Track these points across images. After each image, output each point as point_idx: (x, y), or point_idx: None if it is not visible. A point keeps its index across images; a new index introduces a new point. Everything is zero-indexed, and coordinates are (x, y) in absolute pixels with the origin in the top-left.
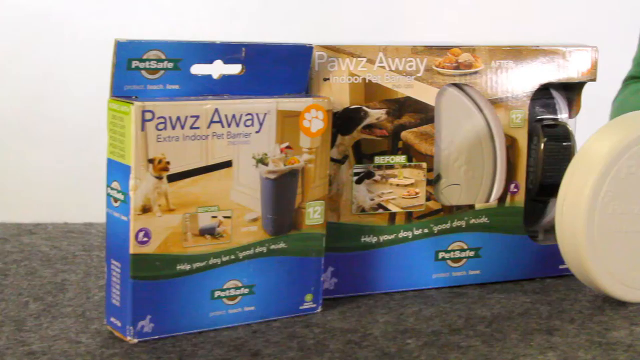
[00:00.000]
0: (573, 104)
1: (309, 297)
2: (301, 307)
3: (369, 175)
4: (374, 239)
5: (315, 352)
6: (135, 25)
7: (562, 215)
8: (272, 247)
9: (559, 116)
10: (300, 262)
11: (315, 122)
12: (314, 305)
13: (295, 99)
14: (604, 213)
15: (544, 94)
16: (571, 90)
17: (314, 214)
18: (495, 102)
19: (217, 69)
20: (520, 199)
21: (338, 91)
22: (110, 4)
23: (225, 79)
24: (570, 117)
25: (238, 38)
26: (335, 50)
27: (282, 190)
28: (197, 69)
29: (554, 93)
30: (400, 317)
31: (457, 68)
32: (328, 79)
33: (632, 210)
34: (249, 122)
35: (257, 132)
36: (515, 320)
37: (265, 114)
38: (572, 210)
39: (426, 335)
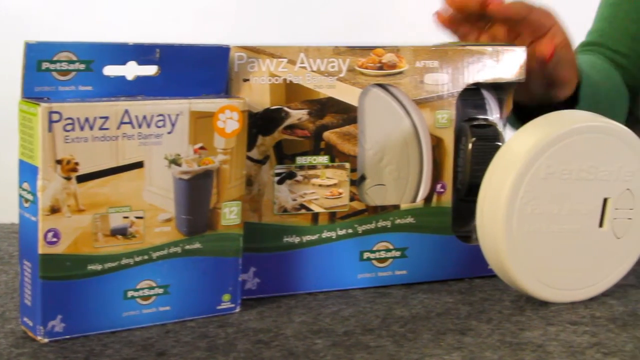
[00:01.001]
0: (504, 104)
1: (226, 297)
2: (219, 307)
3: (290, 175)
4: (297, 239)
5: (223, 352)
6: (101, 27)
7: (482, 215)
8: (187, 247)
9: (490, 116)
10: (217, 262)
11: (230, 122)
12: (232, 305)
13: (209, 100)
14: (523, 213)
15: (474, 94)
16: (502, 90)
17: (230, 215)
18: (420, 102)
19: (131, 70)
20: (447, 199)
21: (258, 92)
22: (84, 6)
23: (141, 80)
24: (501, 117)
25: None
26: (255, 51)
27: (196, 191)
28: (110, 71)
29: (485, 93)
30: (318, 317)
31: (380, 68)
32: (248, 79)
33: (552, 211)
34: (160, 123)
35: (169, 132)
36: (432, 321)
37: (178, 114)
38: (491, 210)
39: (338, 335)
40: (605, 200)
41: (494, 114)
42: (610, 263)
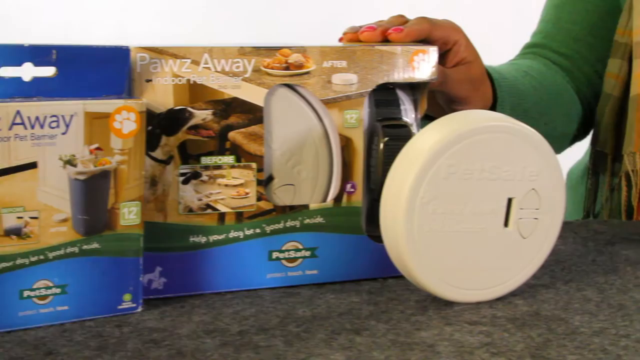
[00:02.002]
0: (418, 104)
1: (127, 297)
2: (119, 307)
3: (195, 175)
4: (203, 239)
5: (111, 351)
6: (65, 28)
7: (385, 215)
8: (85, 247)
9: (405, 116)
10: (116, 262)
11: (127, 123)
12: (134, 305)
13: (104, 101)
14: (424, 213)
15: (389, 94)
16: (417, 90)
17: (129, 215)
18: (328, 102)
19: (28, 71)
20: (357, 198)
21: (162, 92)
22: (47, 6)
23: (38, 81)
24: (416, 117)
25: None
26: (158, 52)
27: (93, 191)
28: (5, 72)
29: (400, 93)
30: (218, 317)
31: (287, 69)
32: (151, 80)
33: (454, 211)
34: (54, 124)
35: (63, 133)
36: (331, 320)
37: (72, 115)
38: (392, 210)
39: (231, 335)
40: (509, 200)
41: (408, 114)
42: (517, 263)
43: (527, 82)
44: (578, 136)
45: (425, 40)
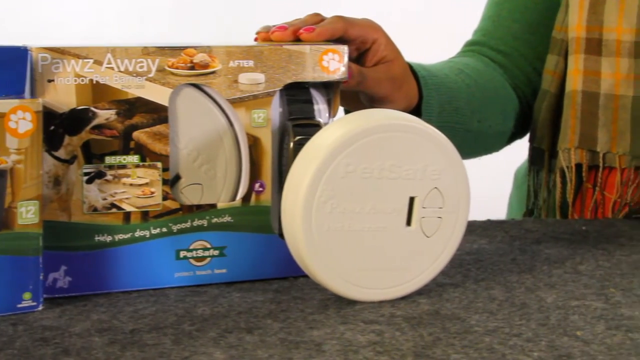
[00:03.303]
0: (332, 104)
1: (27, 295)
2: (19, 306)
3: (99, 175)
4: (109, 238)
5: None
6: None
7: (285, 214)
8: None
9: (318, 116)
10: (15, 261)
11: (23, 123)
12: (34, 304)
13: None
14: (322, 212)
15: (301, 92)
16: (331, 89)
17: (27, 214)
18: (235, 102)
19: None
20: (266, 198)
21: (64, 92)
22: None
23: None
24: (330, 116)
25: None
26: (60, 52)
27: None
28: None
29: (314, 92)
30: (116, 315)
31: (192, 68)
32: (53, 80)
33: (353, 209)
34: None
35: None
36: (227, 319)
37: None
38: (291, 209)
39: (123, 333)
40: (412, 199)
41: (322, 114)
42: (421, 262)
43: (460, 80)
44: (516, 134)
45: (341, 40)
